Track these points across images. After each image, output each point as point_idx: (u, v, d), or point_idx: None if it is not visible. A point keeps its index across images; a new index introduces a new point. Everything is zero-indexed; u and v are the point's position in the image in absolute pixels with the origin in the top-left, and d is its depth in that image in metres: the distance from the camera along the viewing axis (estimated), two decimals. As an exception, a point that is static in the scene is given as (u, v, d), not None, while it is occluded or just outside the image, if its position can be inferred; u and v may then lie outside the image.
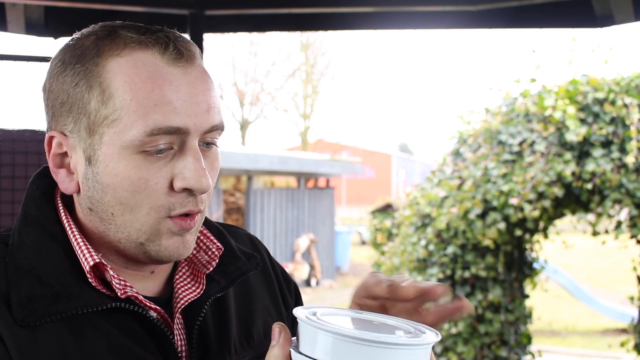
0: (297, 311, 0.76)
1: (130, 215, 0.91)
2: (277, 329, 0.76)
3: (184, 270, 1.03)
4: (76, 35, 0.96)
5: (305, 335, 0.73)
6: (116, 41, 0.91)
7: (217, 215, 12.38)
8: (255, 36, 25.86)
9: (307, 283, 14.27)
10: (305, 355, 0.72)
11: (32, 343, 0.85)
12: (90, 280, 0.91)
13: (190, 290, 1.00)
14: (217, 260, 1.02)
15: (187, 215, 0.93)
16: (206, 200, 0.95)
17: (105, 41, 0.92)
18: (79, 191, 0.95)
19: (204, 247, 1.03)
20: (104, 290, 0.92)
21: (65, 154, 0.95)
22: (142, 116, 0.88)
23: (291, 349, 0.75)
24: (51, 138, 0.95)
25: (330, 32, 25.77)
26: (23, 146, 1.76)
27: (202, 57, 0.97)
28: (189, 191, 0.91)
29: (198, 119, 0.91)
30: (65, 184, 0.95)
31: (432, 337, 0.74)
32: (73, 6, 2.59)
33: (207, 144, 0.95)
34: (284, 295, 1.15)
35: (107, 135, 0.90)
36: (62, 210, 0.96)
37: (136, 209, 0.90)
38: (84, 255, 0.92)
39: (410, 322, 0.80)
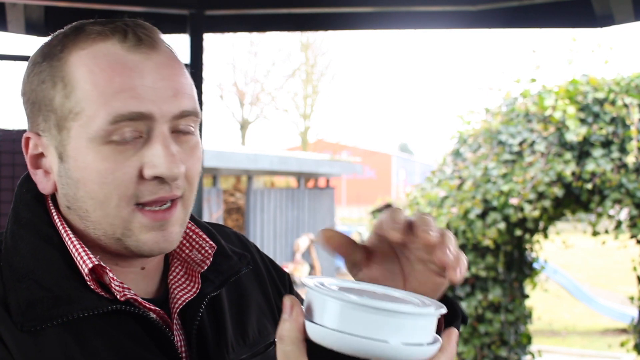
0: (306, 280, 0.76)
1: (102, 211, 0.89)
2: (289, 303, 0.73)
3: (178, 270, 1.02)
4: (50, 36, 0.96)
5: (314, 304, 0.73)
6: (80, 36, 0.91)
7: (217, 216, 12.37)
8: (255, 36, 25.86)
9: (307, 283, 14.26)
10: (318, 324, 0.72)
11: (36, 349, 0.83)
12: (88, 283, 0.89)
13: (186, 290, 0.99)
14: (211, 259, 1.01)
15: (160, 204, 0.91)
16: (186, 187, 0.93)
17: (70, 37, 0.92)
18: (56, 190, 0.94)
19: (197, 246, 1.02)
20: (103, 293, 0.90)
21: (41, 155, 0.95)
22: (104, 105, 0.87)
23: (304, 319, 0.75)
24: (27, 139, 0.95)
25: (330, 32, 25.79)
26: (23, 146, 1.76)
27: (167, 44, 0.95)
28: (160, 179, 0.89)
29: (164, 104, 0.89)
30: (42, 184, 0.95)
31: (438, 309, 0.75)
32: (73, 6, 2.59)
33: (182, 132, 0.92)
34: (277, 288, 1.14)
35: (74, 130, 0.89)
36: (54, 213, 0.95)
37: (106, 202, 0.89)
38: (81, 257, 0.90)
39: (415, 295, 0.81)
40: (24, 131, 0.98)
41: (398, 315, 0.71)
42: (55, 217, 0.94)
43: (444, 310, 0.75)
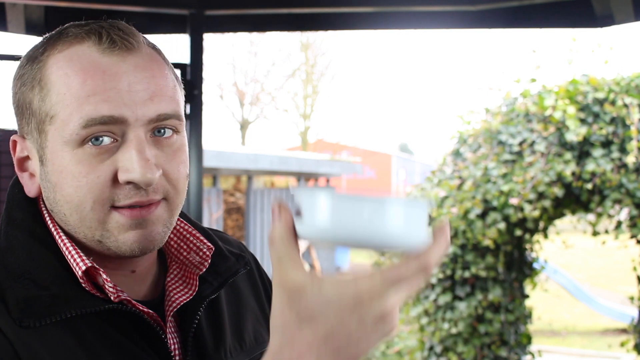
0: (293, 188, 0.75)
1: (78, 214, 0.89)
2: (277, 207, 0.72)
3: (175, 272, 1.01)
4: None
5: (303, 204, 0.71)
6: (60, 39, 0.90)
7: (217, 216, 12.37)
8: (255, 36, 25.85)
9: (307, 283, 14.24)
10: (309, 222, 0.70)
11: (37, 344, 0.83)
12: (83, 284, 0.89)
13: (182, 292, 0.98)
14: (210, 260, 1.00)
15: (136, 206, 0.89)
16: (169, 189, 0.91)
17: (51, 41, 0.91)
18: (41, 193, 0.94)
19: (195, 248, 1.01)
20: (98, 294, 0.90)
21: (27, 157, 0.95)
22: (76, 108, 0.86)
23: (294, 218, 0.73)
24: (15, 142, 0.95)
25: (330, 32, 25.78)
26: (23, 146, 1.76)
27: (149, 45, 0.93)
28: (134, 184, 0.87)
29: (139, 108, 0.87)
30: (28, 186, 0.95)
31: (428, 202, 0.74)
32: (73, 6, 2.60)
33: (160, 132, 0.90)
34: (270, 300, 1.12)
35: (50, 133, 0.88)
36: (46, 214, 0.95)
37: (80, 206, 0.88)
38: (74, 260, 0.90)
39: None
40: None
41: (390, 203, 0.69)
42: (47, 218, 0.94)
43: (433, 205, 0.74)
